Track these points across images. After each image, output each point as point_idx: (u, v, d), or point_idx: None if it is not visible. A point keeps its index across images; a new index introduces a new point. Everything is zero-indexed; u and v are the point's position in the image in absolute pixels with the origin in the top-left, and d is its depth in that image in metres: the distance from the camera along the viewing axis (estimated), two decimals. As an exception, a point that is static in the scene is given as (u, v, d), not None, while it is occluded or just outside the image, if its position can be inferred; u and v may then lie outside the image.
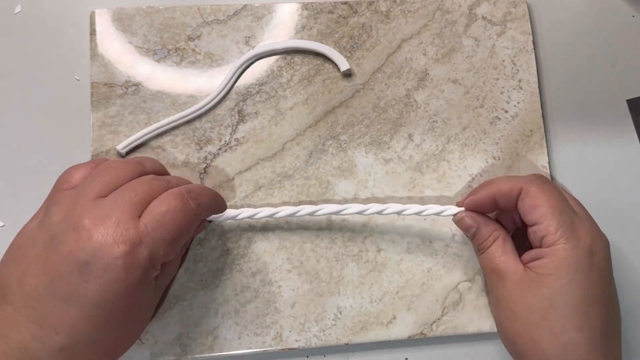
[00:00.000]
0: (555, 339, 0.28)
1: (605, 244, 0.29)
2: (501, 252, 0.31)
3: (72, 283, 0.25)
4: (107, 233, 0.25)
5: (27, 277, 0.25)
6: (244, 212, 0.33)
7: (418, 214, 0.33)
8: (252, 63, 0.37)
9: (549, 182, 0.30)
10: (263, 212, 0.33)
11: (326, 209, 0.33)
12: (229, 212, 0.33)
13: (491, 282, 0.31)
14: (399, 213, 0.33)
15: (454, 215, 0.33)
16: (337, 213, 0.33)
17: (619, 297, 0.31)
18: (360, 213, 0.33)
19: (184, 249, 0.32)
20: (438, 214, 0.33)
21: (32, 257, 0.26)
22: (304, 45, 0.37)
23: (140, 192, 0.27)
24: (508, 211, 0.32)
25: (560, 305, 0.28)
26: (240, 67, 0.36)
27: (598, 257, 0.28)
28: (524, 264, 0.30)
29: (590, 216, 0.30)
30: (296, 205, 0.34)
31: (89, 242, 0.25)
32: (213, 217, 0.32)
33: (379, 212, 0.33)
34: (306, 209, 0.33)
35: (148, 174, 0.29)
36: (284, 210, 0.33)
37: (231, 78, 0.36)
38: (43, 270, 0.25)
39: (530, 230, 0.30)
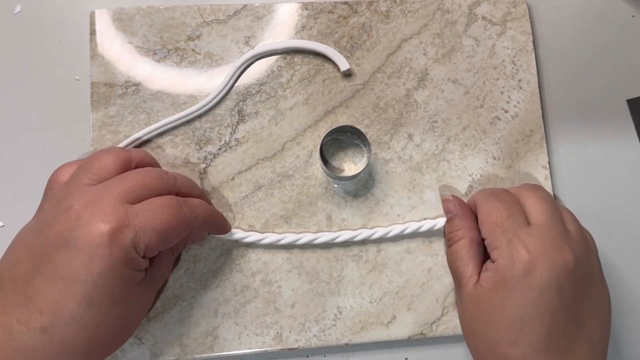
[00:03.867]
0: (492, 351, 0.29)
1: (555, 261, 0.28)
2: (464, 253, 0.32)
3: (58, 261, 0.25)
4: (95, 213, 0.26)
5: (18, 263, 0.26)
6: (251, 236, 0.34)
7: (417, 230, 0.35)
8: (252, 63, 0.37)
9: (502, 199, 0.31)
10: (269, 238, 0.34)
11: (343, 235, 0.35)
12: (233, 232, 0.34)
13: (454, 280, 0.33)
14: (401, 233, 0.35)
15: (442, 196, 0.35)
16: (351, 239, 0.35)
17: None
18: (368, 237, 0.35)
19: (175, 253, 0.32)
20: (433, 227, 0.35)
21: (24, 246, 0.27)
22: (304, 45, 0.37)
23: (131, 180, 0.28)
24: None
25: (496, 320, 0.29)
26: (240, 67, 0.36)
27: (540, 273, 0.28)
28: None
29: (547, 229, 0.29)
30: (298, 233, 0.34)
31: (76, 221, 0.26)
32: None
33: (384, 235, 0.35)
34: (325, 236, 0.35)
35: (133, 161, 0.30)
36: (304, 237, 0.34)
37: (231, 78, 0.36)
38: (33, 254, 0.26)
39: (486, 246, 0.31)
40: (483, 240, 0.31)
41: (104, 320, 0.26)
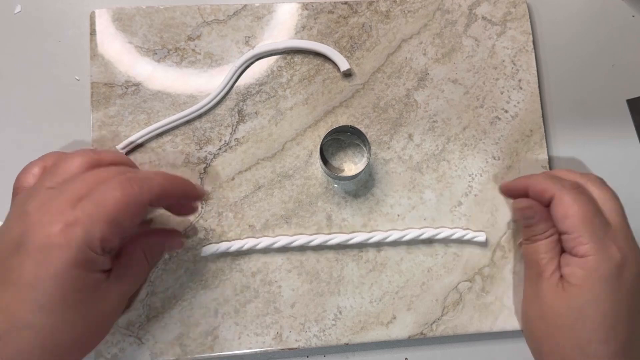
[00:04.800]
0: (580, 349, 0.28)
1: (638, 258, 0.29)
2: (549, 249, 0.31)
3: (9, 266, 0.25)
4: (44, 215, 0.25)
5: None
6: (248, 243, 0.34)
7: (432, 237, 0.35)
8: (252, 63, 0.37)
9: (584, 193, 0.31)
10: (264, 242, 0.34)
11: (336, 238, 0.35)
12: (222, 245, 0.34)
13: (530, 274, 0.32)
14: (417, 237, 0.35)
15: (515, 201, 0.33)
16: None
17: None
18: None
19: (150, 261, 0.31)
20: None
21: None
22: (304, 45, 0.37)
23: (89, 181, 0.27)
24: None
25: (589, 317, 0.28)
26: (240, 67, 0.36)
27: (629, 271, 0.29)
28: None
29: (626, 228, 0.30)
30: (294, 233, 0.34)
31: (27, 225, 0.25)
32: (208, 251, 0.34)
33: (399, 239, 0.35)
34: (319, 238, 0.34)
35: (103, 163, 0.29)
36: (299, 240, 0.34)
37: (231, 78, 0.36)
38: None
39: (562, 237, 0.30)
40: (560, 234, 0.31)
41: (58, 325, 0.25)
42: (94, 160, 0.28)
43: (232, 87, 0.37)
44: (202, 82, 0.37)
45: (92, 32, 0.36)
